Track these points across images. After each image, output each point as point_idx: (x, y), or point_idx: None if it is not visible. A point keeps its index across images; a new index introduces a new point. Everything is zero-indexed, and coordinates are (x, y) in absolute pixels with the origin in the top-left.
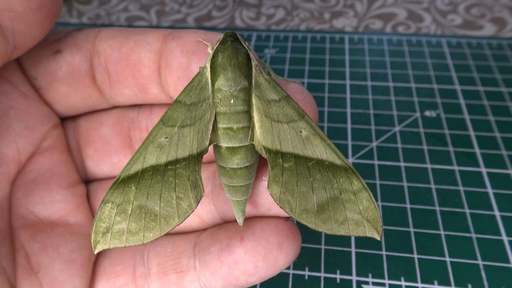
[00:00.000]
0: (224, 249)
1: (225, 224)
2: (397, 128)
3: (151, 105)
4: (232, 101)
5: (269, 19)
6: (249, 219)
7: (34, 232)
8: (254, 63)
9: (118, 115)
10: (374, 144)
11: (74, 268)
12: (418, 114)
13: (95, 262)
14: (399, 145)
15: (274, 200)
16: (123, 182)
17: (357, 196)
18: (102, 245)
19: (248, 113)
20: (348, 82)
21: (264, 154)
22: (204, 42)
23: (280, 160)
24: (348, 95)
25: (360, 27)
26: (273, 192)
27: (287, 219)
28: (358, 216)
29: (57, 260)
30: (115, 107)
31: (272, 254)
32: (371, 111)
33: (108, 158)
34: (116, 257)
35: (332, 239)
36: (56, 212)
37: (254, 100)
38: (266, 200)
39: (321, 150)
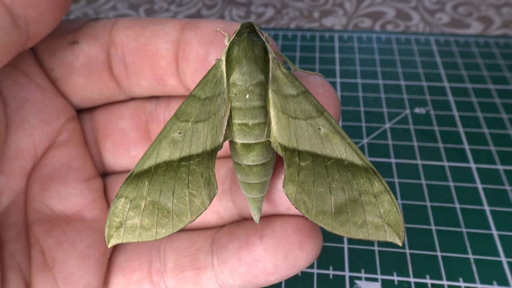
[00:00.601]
0: (243, 247)
1: (243, 221)
2: (387, 125)
3: (169, 97)
4: (247, 96)
5: (259, 18)
6: (268, 217)
7: (50, 227)
8: (271, 56)
9: (136, 107)
10: (365, 141)
11: (89, 263)
12: (408, 111)
13: (111, 257)
14: (390, 142)
15: (290, 200)
16: (136, 177)
17: (378, 199)
18: (116, 240)
19: (265, 109)
20: (338, 80)
21: (280, 152)
22: (223, 32)
23: (297, 158)
24: (338, 93)
25: (350, 26)
26: (289, 192)
27: None
28: (379, 219)
29: (72, 255)
30: (132, 98)
31: (293, 253)
32: (362, 109)
33: (126, 151)
34: (132, 252)
35: (325, 235)
36: (72, 207)
37: (270, 95)
38: (286, 199)
39: (340, 149)
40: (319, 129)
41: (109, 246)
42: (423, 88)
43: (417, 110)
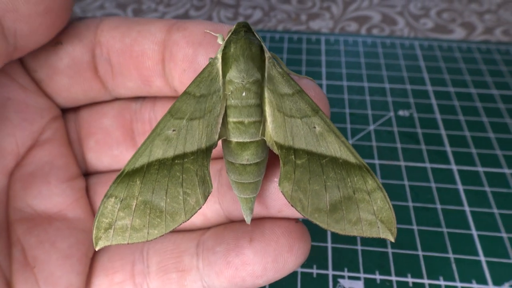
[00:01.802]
0: (232, 250)
1: (231, 223)
2: (371, 127)
3: (154, 97)
4: (244, 94)
5: (247, 19)
6: (258, 220)
7: (31, 226)
8: (267, 55)
9: (120, 106)
10: (350, 142)
11: (71, 263)
12: (392, 114)
13: (93, 257)
14: (374, 144)
15: (286, 198)
16: (127, 176)
17: (371, 196)
18: (104, 242)
19: (260, 107)
20: (324, 82)
21: (275, 150)
22: (212, 33)
23: (293, 156)
24: None
25: (336, 29)
26: (285, 189)
27: (297, 220)
28: (372, 216)
29: (53, 255)
30: (118, 99)
31: (282, 256)
32: (347, 110)
33: (109, 150)
34: (115, 253)
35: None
36: (54, 206)
37: (266, 94)
38: (277, 202)
39: (335, 147)
40: (314, 127)
41: (97, 248)
42: (407, 91)
43: (400, 112)
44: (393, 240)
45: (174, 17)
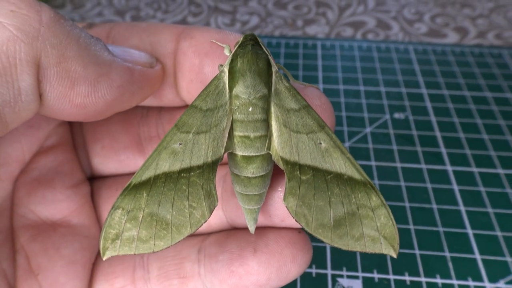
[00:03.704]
0: (235, 259)
1: (234, 231)
2: (368, 130)
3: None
4: (250, 109)
5: (244, 25)
6: (261, 229)
7: (35, 233)
8: (274, 69)
9: (127, 111)
10: (347, 144)
11: (75, 270)
12: (387, 116)
13: (94, 262)
14: (370, 146)
15: (290, 213)
16: (134, 188)
17: (375, 212)
18: (111, 252)
19: (266, 122)
20: (321, 86)
21: (281, 165)
22: (219, 43)
23: (298, 172)
24: None
25: (332, 34)
26: (289, 205)
27: (300, 230)
28: (375, 232)
29: (58, 262)
30: None
31: (286, 266)
32: (343, 114)
33: (115, 156)
34: (115, 258)
35: (306, 233)
36: (58, 212)
37: (273, 108)
38: (281, 211)
39: (340, 163)
40: (320, 143)
41: (104, 258)
42: (402, 95)
43: (396, 115)
44: (395, 256)
45: (172, 23)
